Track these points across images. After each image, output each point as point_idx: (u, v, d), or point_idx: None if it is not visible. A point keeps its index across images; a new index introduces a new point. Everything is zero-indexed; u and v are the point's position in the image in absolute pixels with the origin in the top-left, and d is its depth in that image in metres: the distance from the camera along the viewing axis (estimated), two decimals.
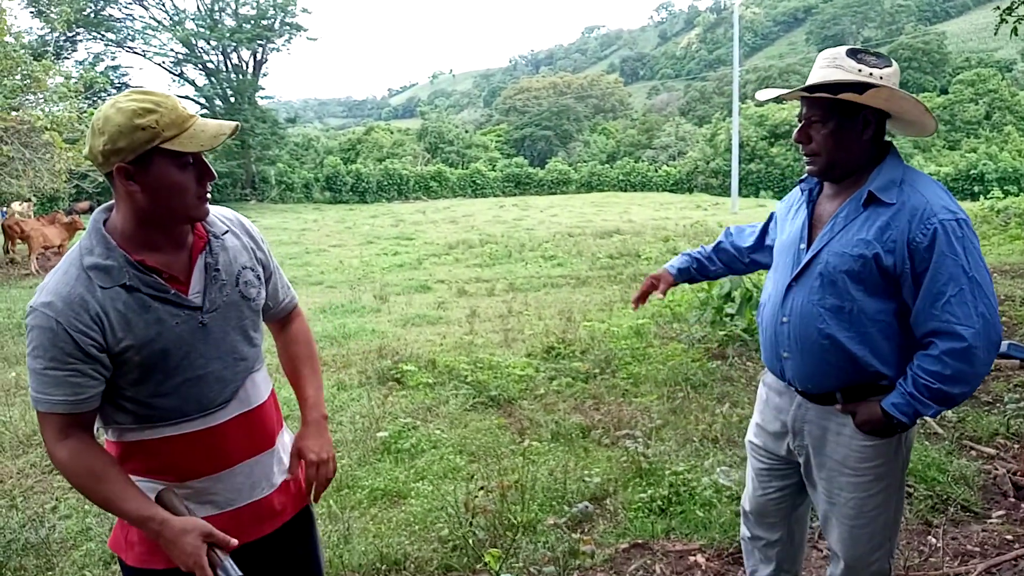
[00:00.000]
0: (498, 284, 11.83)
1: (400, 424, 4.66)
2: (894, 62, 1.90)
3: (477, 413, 5.06)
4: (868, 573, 2.06)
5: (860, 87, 1.81)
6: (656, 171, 47.72)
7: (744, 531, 2.40)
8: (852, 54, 1.87)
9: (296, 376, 2.03)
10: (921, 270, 1.81)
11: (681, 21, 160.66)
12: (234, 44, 40.38)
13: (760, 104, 46.33)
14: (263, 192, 39.67)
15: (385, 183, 42.62)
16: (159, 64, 40.40)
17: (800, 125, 1.96)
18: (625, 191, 44.92)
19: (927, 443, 3.95)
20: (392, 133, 56.32)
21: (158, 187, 1.53)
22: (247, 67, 42.12)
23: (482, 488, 3.34)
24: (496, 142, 62.88)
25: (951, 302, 1.78)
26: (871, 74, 1.83)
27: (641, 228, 20.86)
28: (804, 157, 1.99)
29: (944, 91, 58.79)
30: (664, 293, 2.45)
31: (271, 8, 41.03)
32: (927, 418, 4.29)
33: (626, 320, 7.68)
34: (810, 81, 1.89)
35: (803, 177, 2.13)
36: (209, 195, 1.61)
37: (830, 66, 1.88)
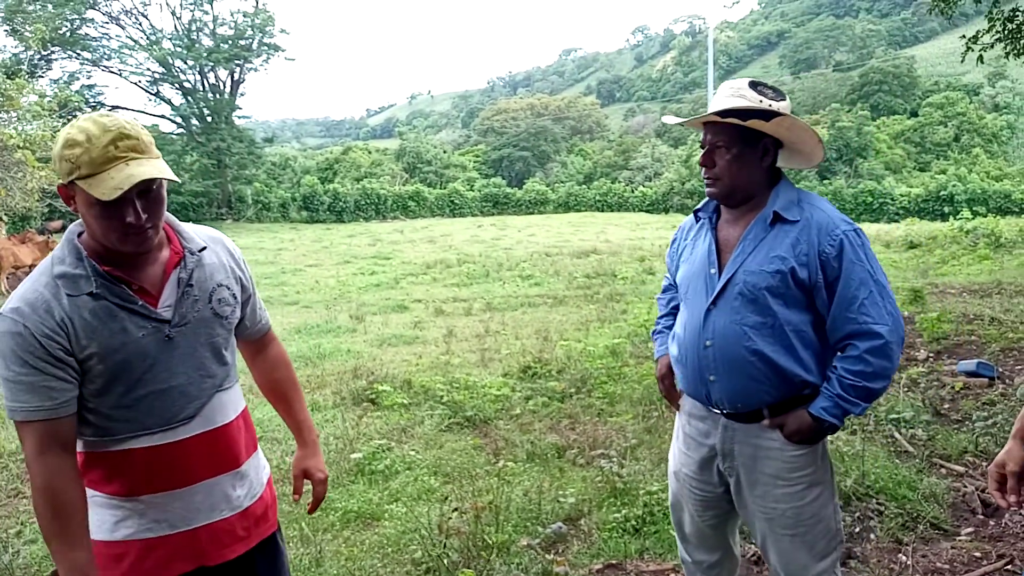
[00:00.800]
0: (475, 303, 11.82)
1: (374, 445, 4.62)
2: (787, 96, 2.03)
3: (452, 434, 5.04)
4: None
5: (767, 115, 1.93)
6: (632, 192, 48.08)
7: (684, 555, 2.40)
8: (753, 86, 1.99)
9: (286, 400, 2.06)
10: (833, 279, 1.93)
11: (657, 44, 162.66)
12: (211, 64, 40.29)
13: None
14: (239, 211, 39.41)
15: (363, 203, 42.54)
16: (135, 83, 40.20)
17: (705, 150, 2.05)
18: (602, 211, 45.18)
19: (897, 461, 3.99)
20: (370, 153, 56.35)
21: (83, 215, 1.56)
22: (224, 87, 42.01)
23: (456, 509, 3.32)
24: (474, 162, 63.06)
25: (864, 304, 1.91)
26: (771, 105, 1.95)
27: (618, 248, 20.98)
28: (705, 180, 2.07)
29: (914, 114, 60.02)
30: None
31: (249, 28, 41.02)
32: (897, 436, 4.36)
33: (602, 339, 7.70)
34: (717, 108, 1.97)
35: (698, 207, 2.22)
36: (150, 229, 1.56)
37: (734, 96, 1.97)
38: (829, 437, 2.15)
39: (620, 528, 3.40)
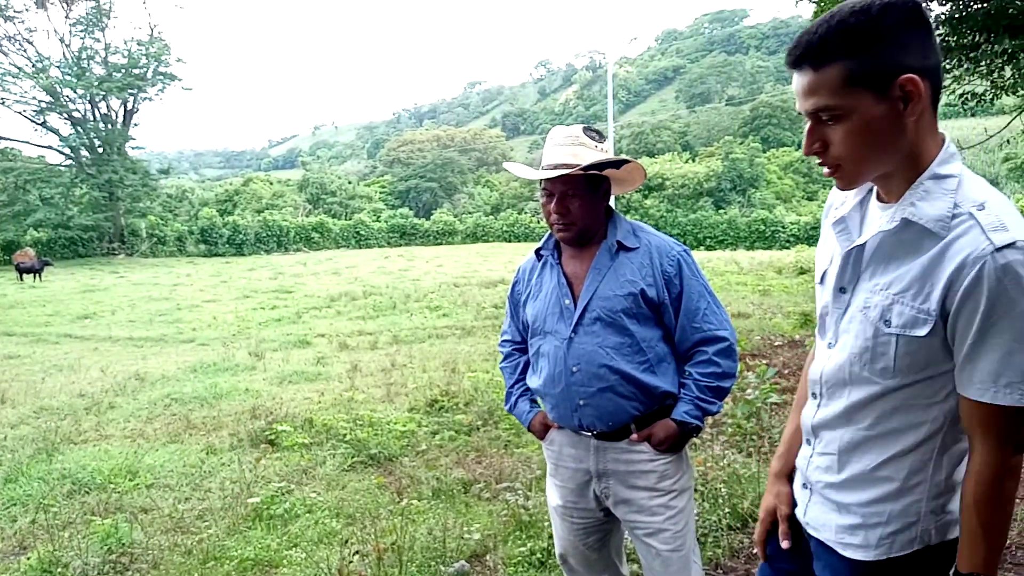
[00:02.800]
0: (381, 337, 11.62)
1: (273, 488, 4.43)
2: (605, 136, 2.26)
3: (356, 473, 4.89)
4: None
5: (619, 164, 2.15)
6: (539, 222, 48.77)
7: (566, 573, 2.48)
8: (587, 132, 2.18)
9: None
10: (676, 294, 2.16)
11: (559, 78, 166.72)
12: (103, 93, 38.71)
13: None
14: (133, 246, 37.79)
15: (264, 235, 41.53)
16: (20, 112, 38.09)
17: (556, 198, 2.17)
18: (510, 241, 45.61)
19: None
20: (272, 184, 55.17)
21: None
22: (117, 116, 40.41)
23: (357, 552, 3.20)
24: (380, 193, 62.65)
25: (706, 314, 2.17)
26: (603, 149, 2.18)
27: None
28: (559, 226, 2.21)
29: (800, 146, 63.38)
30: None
31: (143, 57, 39.72)
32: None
33: None
34: (558, 159, 2.14)
35: (539, 247, 2.38)
36: None
37: (576, 144, 2.15)
38: (726, 461, 2.25)
39: (526, 562, 3.35)
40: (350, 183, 61.12)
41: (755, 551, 3.38)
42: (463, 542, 3.58)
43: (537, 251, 2.38)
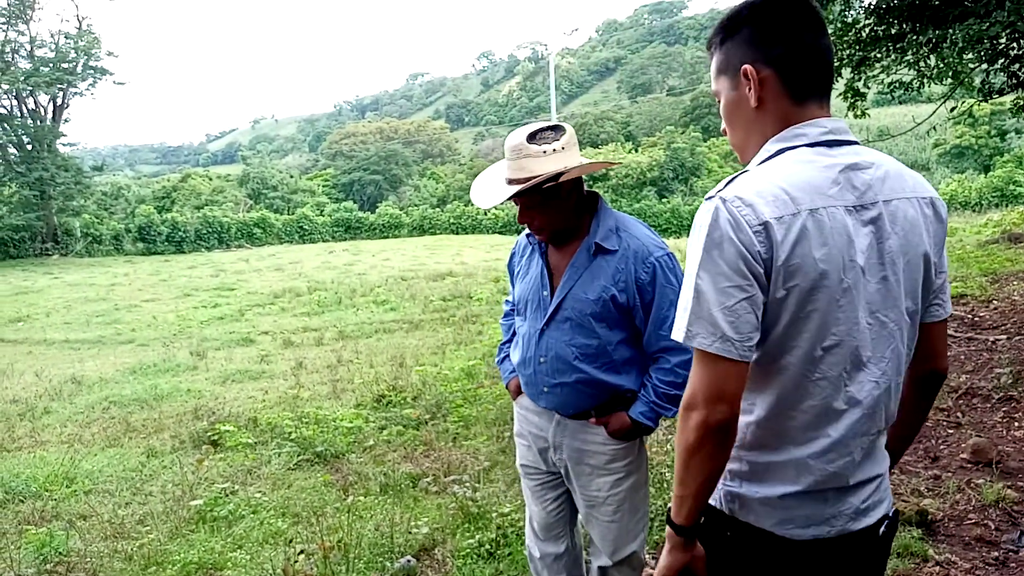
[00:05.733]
0: (327, 333, 11.49)
1: (216, 490, 4.36)
2: (567, 126, 2.19)
3: (302, 471, 4.84)
4: (628, 559, 2.36)
5: (556, 176, 2.11)
6: (486, 214, 48.73)
7: (532, 551, 2.59)
8: (531, 138, 2.15)
9: None
10: (648, 301, 2.17)
11: (502, 70, 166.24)
12: (30, 88, 37.14)
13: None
14: (67, 245, 36.47)
15: (204, 232, 40.49)
16: None
17: (519, 209, 2.25)
18: (457, 234, 45.42)
19: None
20: (211, 179, 53.80)
21: None
22: (46, 112, 38.84)
23: (303, 552, 3.17)
24: (323, 187, 61.66)
25: (673, 323, 2.08)
26: (554, 149, 2.12)
27: (473, 270, 21.11)
28: (532, 232, 2.30)
29: None
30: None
31: (72, 51, 38.25)
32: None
33: (458, 362, 7.69)
34: (509, 174, 2.17)
35: (528, 232, 2.39)
36: None
37: (520, 158, 2.14)
38: (670, 445, 2.32)
39: (475, 554, 3.37)
40: (292, 177, 59.98)
41: None
42: (411, 537, 3.58)
43: (528, 234, 2.44)
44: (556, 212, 2.21)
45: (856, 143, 1.36)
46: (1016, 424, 4.61)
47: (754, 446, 1.38)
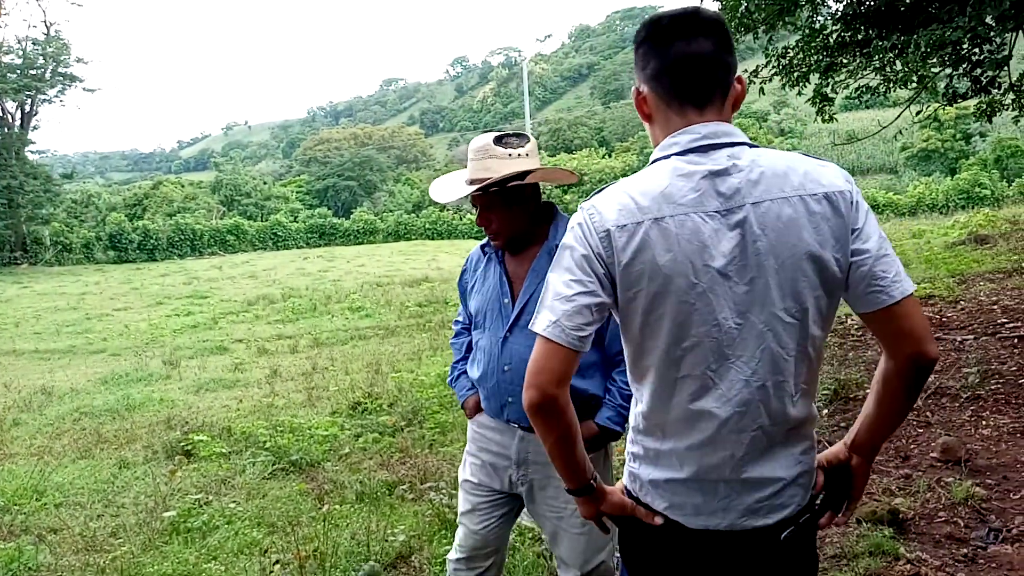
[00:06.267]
0: (302, 340, 11.42)
1: (190, 501, 4.31)
2: (531, 136, 2.26)
3: (277, 481, 4.80)
4: (597, 568, 2.30)
5: (522, 175, 2.15)
6: (461, 219, 48.62)
7: (457, 566, 2.48)
8: (498, 141, 2.19)
9: None
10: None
11: (476, 76, 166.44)
12: None
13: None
14: (36, 254, 35.87)
15: (176, 239, 40.05)
16: None
17: (479, 211, 2.25)
18: (432, 239, 45.33)
19: None
20: (183, 187, 53.20)
21: None
22: (13, 119, 38.24)
23: (278, 562, 3.14)
24: (297, 193, 61.27)
25: None
26: (519, 154, 2.17)
27: (449, 275, 21.08)
28: (488, 234, 2.29)
29: None
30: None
31: (40, 57, 37.71)
32: None
33: (435, 368, 7.68)
34: (472, 174, 2.20)
35: (484, 242, 2.39)
36: None
37: (486, 158, 2.18)
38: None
39: None
40: (265, 183, 59.54)
41: None
42: (387, 544, 3.56)
43: (483, 246, 2.41)
44: (515, 216, 2.22)
45: (737, 144, 1.38)
46: (984, 423, 4.70)
47: (645, 432, 1.48)
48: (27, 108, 38.71)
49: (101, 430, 6.51)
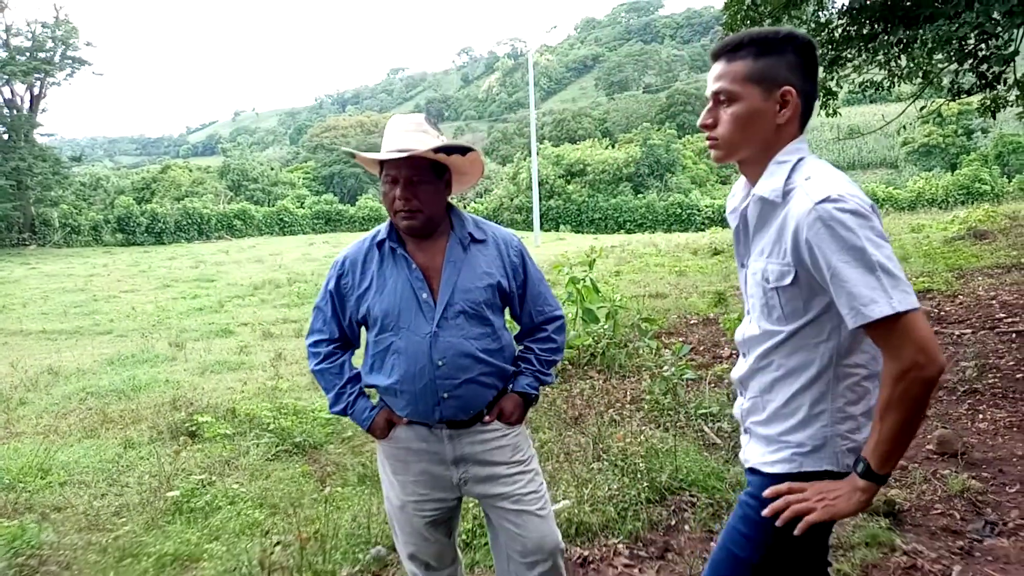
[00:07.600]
0: (306, 325, 11.43)
1: (194, 481, 4.35)
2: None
3: (280, 462, 4.84)
4: (554, 545, 2.29)
5: (464, 151, 2.16)
6: (464, 207, 48.39)
7: (416, 571, 2.43)
8: (429, 122, 2.23)
9: None
10: (520, 282, 2.34)
11: (482, 66, 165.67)
12: (6, 77, 36.66)
13: (556, 144, 48.18)
14: (45, 236, 36.09)
15: (184, 223, 40.22)
16: None
17: (402, 183, 2.13)
18: None
19: (707, 454, 4.27)
20: (191, 171, 53.29)
21: None
22: (22, 102, 38.34)
23: (279, 543, 3.18)
24: (304, 179, 61.35)
25: (545, 296, 2.40)
26: (444, 140, 2.19)
27: None
28: (404, 212, 2.15)
29: None
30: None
31: (49, 40, 37.75)
32: (706, 430, 4.67)
33: None
34: (403, 144, 2.11)
35: (377, 239, 2.28)
36: None
37: (419, 131, 2.17)
38: (643, 436, 2.30)
39: None
40: (272, 169, 59.61)
41: (673, 523, 3.52)
42: (388, 527, 3.60)
43: (379, 242, 2.27)
44: (436, 195, 2.19)
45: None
46: (980, 416, 4.73)
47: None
48: (36, 91, 38.84)
49: (107, 410, 6.56)
